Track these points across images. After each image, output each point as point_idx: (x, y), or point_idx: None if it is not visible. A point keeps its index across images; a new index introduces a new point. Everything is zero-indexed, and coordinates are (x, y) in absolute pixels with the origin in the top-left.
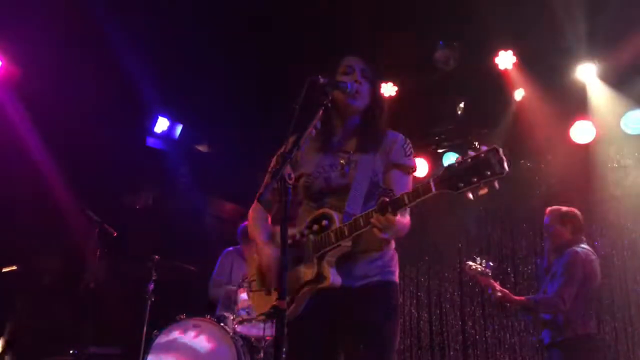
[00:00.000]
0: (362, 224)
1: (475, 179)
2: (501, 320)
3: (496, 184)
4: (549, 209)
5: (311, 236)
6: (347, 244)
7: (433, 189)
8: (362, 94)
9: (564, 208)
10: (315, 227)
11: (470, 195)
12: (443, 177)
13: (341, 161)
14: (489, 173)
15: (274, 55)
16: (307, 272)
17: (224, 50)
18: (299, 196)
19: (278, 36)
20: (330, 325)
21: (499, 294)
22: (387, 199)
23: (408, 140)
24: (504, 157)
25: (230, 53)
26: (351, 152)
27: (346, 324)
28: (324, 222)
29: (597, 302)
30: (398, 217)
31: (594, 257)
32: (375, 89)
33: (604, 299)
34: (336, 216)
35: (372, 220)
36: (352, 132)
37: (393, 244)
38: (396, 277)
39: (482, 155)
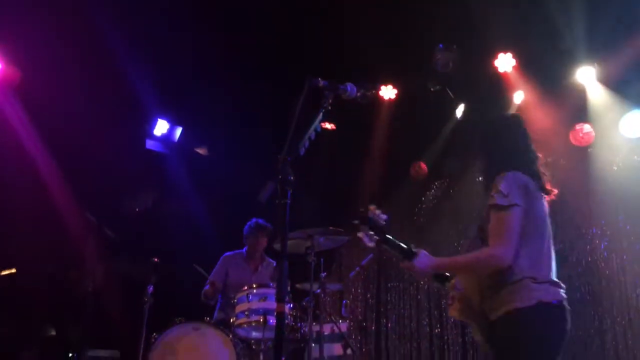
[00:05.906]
0: None
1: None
2: None
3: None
4: None
5: None
6: (450, 289)
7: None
8: None
9: None
10: None
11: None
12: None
13: None
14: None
15: (274, 57)
16: None
17: (223, 52)
18: None
19: (278, 38)
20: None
21: None
22: None
23: (497, 179)
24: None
25: (230, 55)
26: None
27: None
28: None
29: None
30: (415, 262)
31: None
32: None
33: (605, 302)
34: None
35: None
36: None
37: (517, 274)
38: (522, 303)
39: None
